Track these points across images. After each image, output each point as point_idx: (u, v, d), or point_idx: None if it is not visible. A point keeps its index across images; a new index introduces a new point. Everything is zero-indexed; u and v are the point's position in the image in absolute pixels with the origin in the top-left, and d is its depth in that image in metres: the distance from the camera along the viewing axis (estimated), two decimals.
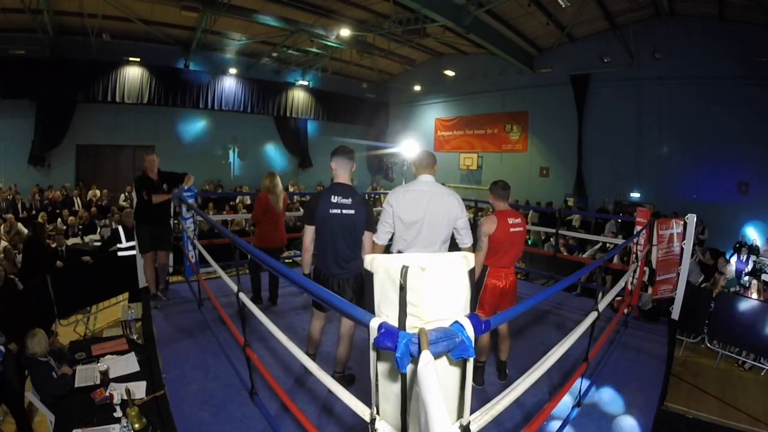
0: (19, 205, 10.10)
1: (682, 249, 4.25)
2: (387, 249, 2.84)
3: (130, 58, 12.09)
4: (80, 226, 8.99)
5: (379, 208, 3.59)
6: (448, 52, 15.08)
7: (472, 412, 1.30)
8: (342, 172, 2.71)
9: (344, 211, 2.63)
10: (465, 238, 2.75)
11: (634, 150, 11.63)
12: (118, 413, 2.64)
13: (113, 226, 7.46)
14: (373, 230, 2.74)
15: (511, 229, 2.92)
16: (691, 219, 4.18)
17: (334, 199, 2.63)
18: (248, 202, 11.91)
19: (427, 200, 2.61)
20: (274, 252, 4.27)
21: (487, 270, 2.95)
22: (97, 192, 11.86)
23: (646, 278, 4.29)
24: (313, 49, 13.49)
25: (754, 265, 7.70)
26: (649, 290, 4.28)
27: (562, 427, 2.53)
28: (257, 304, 4.53)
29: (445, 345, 1.04)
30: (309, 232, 2.74)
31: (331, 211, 2.63)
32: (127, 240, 5.27)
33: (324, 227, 2.67)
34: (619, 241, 6.13)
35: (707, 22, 9.95)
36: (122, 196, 11.58)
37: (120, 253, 5.35)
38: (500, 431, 2.47)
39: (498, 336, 3.11)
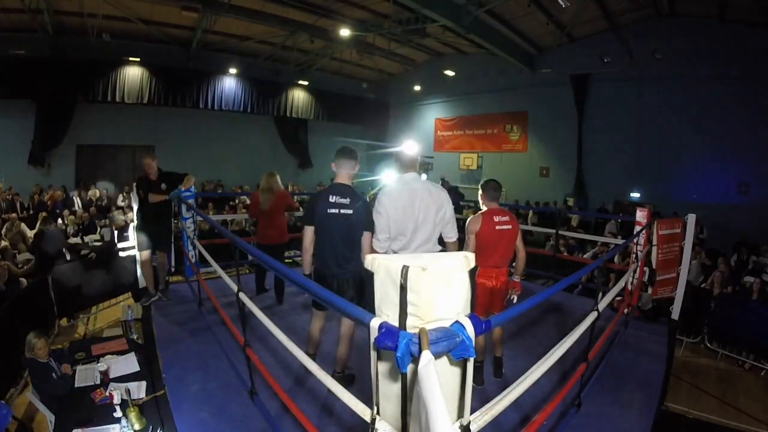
0: (19, 206, 10.09)
1: (681, 249, 4.25)
2: None
3: (130, 58, 12.08)
4: (80, 226, 8.99)
5: None
6: (448, 52, 15.07)
7: (472, 412, 1.30)
8: (342, 172, 2.72)
9: (342, 211, 2.63)
10: (450, 232, 2.78)
11: (634, 150, 11.63)
12: (118, 413, 2.64)
13: (112, 228, 7.46)
14: (372, 230, 2.73)
15: (497, 227, 2.93)
16: (691, 219, 4.18)
17: (332, 199, 2.64)
18: (248, 202, 11.91)
19: (419, 198, 2.64)
20: (274, 249, 4.27)
21: (477, 270, 2.95)
22: (97, 192, 11.85)
23: (646, 278, 4.29)
24: (313, 49, 13.49)
25: (755, 265, 7.69)
26: (649, 290, 4.28)
27: (562, 427, 2.53)
28: (262, 292, 4.58)
29: (445, 345, 1.04)
30: (308, 233, 2.74)
31: (329, 210, 2.63)
32: (119, 241, 5.25)
33: (322, 227, 2.68)
34: (619, 241, 6.13)
35: (707, 22, 9.94)
36: (120, 196, 11.58)
37: (121, 253, 5.36)
38: (500, 431, 2.47)
39: (491, 334, 3.10)
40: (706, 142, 10.33)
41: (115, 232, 5.44)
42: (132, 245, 4.99)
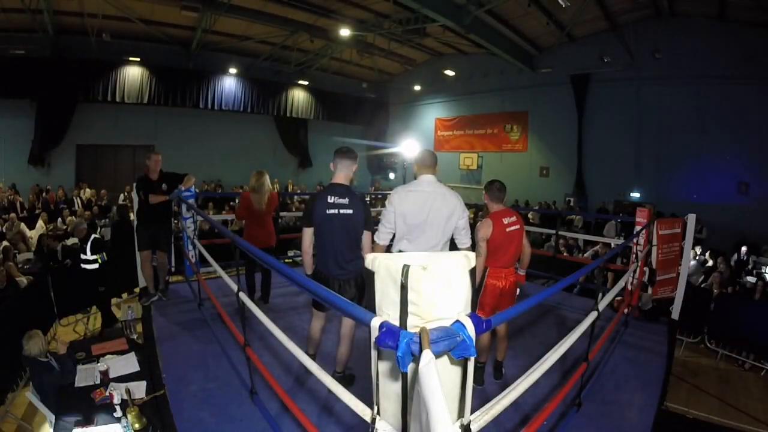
0: (18, 206, 10.09)
1: (681, 249, 4.25)
2: (388, 249, 2.83)
3: (130, 58, 12.08)
4: None
5: (380, 209, 3.59)
6: (448, 52, 15.07)
7: (472, 411, 1.30)
8: (340, 172, 2.68)
9: (342, 211, 2.60)
10: (464, 239, 2.74)
11: (634, 150, 11.63)
12: (118, 413, 2.64)
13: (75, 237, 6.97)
14: (372, 230, 2.72)
15: (508, 229, 2.91)
16: (691, 219, 4.18)
17: (331, 199, 2.60)
18: None
19: (430, 201, 2.59)
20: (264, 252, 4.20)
21: (487, 271, 2.94)
22: (90, 191, 11.79)
23: (646, 278, 4.29)
24: (313, 49, 13.50)
25: (755, 265, 7.70)
26: (649, 290, 4.28)
27: (562, 427, 2.52)
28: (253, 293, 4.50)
29: (446, 344, 1.04)
30: (307, 234, 2.70)
31: (328, 211, 2.60)
32: (92, 253, 4.99)
33: (322, 228, 2.64)
34: (618, 240, 6.12)
35: (707, 22, 9.95)
36: (121, 196, 11.57)
37: (83, 265, 5.01)
38: (500, 431, 2.47)
39: (496, 336, 3.11)
40: (706, 142, 10.33)
41: (89, 245, 4.98)
42: (92, 259, 4.97)
